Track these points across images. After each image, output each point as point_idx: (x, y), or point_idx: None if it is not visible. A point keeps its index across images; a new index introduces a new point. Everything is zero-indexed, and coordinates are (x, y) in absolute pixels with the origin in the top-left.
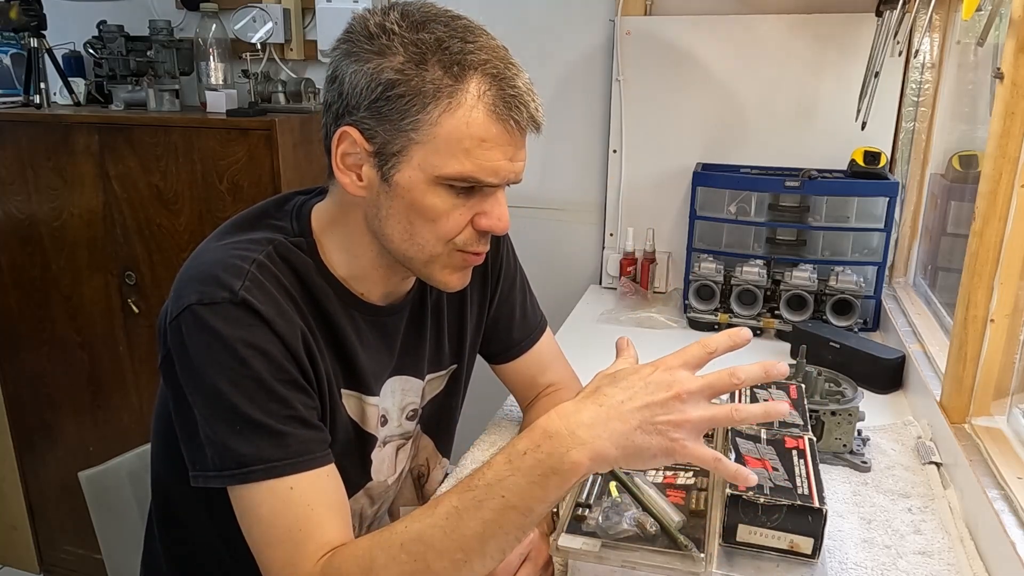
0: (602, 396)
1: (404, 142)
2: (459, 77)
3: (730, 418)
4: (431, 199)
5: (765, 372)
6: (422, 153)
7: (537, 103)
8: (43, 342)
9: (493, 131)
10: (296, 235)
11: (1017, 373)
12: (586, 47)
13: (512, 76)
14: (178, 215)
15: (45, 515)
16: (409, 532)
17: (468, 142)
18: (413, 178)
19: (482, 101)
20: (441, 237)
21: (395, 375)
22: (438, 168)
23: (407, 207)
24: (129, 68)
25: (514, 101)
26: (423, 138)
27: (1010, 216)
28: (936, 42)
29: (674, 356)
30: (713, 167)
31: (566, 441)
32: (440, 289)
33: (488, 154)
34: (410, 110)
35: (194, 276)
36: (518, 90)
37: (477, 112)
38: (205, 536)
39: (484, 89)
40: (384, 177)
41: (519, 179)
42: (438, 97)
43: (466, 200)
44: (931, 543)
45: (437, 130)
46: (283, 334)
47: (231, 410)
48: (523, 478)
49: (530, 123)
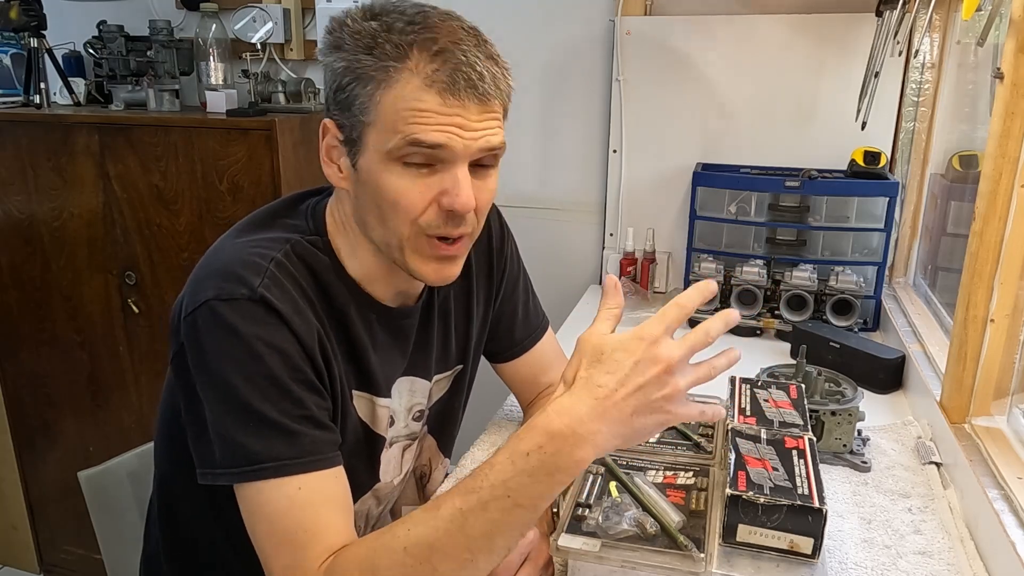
0: (595, 387)
1: (360, 128)
2: (399, 57)
3: (710, 375)
4: (388, 178)
5: (725, 323)
6: (373, 134)
7: (489, 73)
8: (43, 342)
9: (429, 100)
10: (312, 234)
11: (1017, 373)
12: (586, 47)
13: (456, 49)
14: (178, 215)
15: (45, 515)
16: (412, 536)
17: (405, 113)
18: (371, 160)
19: (418, 74)
20: (404, 218)
21: (404, 376)
22: (385, 144)
23: (373, 192)
24: (129, 68)
25: (453, 71)
26: (371, 119)
27: (1010, 216)
28: (936, 42)
29: (656, 322)
30: (713, 167)
31: (570, 440)
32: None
33: (427, 122)
34: (359, 95)
35: (213, 272)
36: (459, 61)
37: (412, 85)
38: (209, 536)
39: (423, 64)
40: (354, 165)
41: (481, 154)
42: (379, 78)
43: (426, 178)
44: (931, 543)
45: (380, 108)
46: (300, 333)
47: (244, 407)
48: (528, 478)
49: (471, 92)
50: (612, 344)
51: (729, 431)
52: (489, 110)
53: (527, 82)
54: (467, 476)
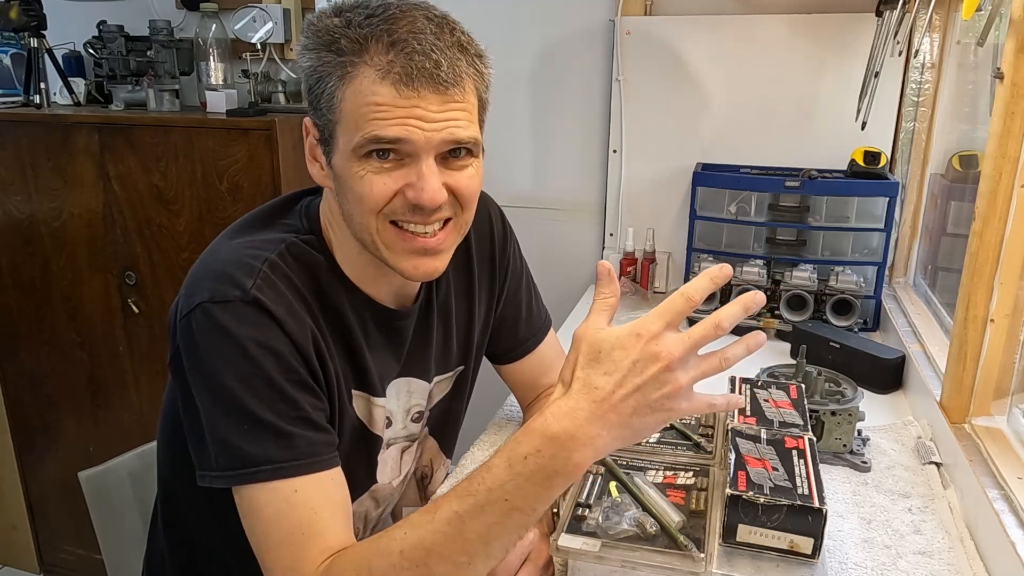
0: (592, 389)
1: (331, 127)
2: (356, 51)
3: (719, 368)
4: (355, 171)
5: (744, 308)
6: (340, 132)
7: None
8: (43, 342)
9: (384, 93)
10: (307, 233)
11: (1017, 373)
12: (586, 47)
13: (412, 39)
14: (178, 215)
15: (45, 515)
16: (409, 539)
17: (365, 108)
18: (341, 158)
19: (373, 68)
20: (370, 209)
21: (400, 377)
22: (350, 141)
23: (344, 188)
24: (129, 68)
25: (407, 62)
26: (337, 117)
27: (1010, 216)
28: (936, 42)
29: (656, 316)
30: (713, 167)
31: (567, 444)
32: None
33: (385, 116)
34: (324, 92)
35: (206, 274)
36: (414, 50)
37: (367, 79)
38: (210, 537)
39: (379, 57)
40: (330, 163)
41: (449, 143)
42: (339, 74)
43: (392, 172)
44: (931, 543)
45: (343, 106)
46: (293, 334)
47: (239, 409)
48: (526, 481)
49: (427, 81)
50: (610, 342)
51: (729, 431)
52: (450, 100)
53: (527, 82)
54: (464, 479)
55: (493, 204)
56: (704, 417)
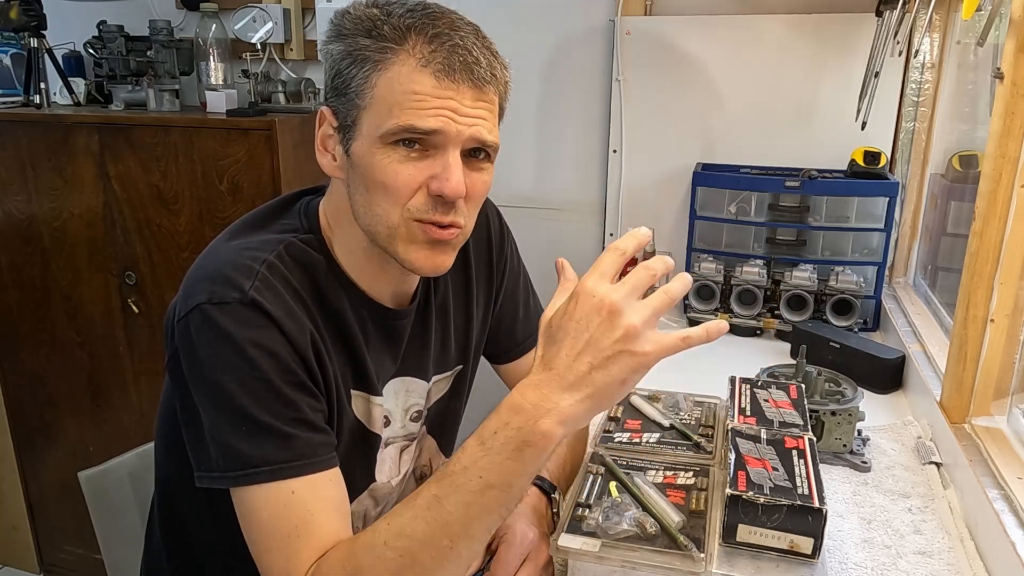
0: (549, 358)
1: (355, 112)
2: (397, 39)
3: (667, 303)
4: (380, 160)
5: (666, 265)
6: (367, 118)
7: (486, 60)
8: (43, 342)
9: (424, 82)
10: (306, 232)
11: (1017, 373)
12: (586, 47)
13: (453, 34)
14: (178, 215)
15: (45, 515)
16: (392, 528)
17: (400, 95)
18: (364, 145)
19: (414, 56)
20: (394, 202)
21: (398, 376)
22: (379, 127)
23: (363, 176)
24: (129, 68)
25: (449, 55)
26: (366, 103)
27: (1010, 216)
28: (936, 42)
29: (590, 277)
30: (713, 167)
31: (532, 413)
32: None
33: (421, 104)
34: (355, 79)
35: (204, 275)
36: (456, 44)
37: (407, 67)
38: (208, 537)
39: (419, 47)
40: (347, 151)
41: (475, 141)
42: (376, 61)
43: (417, 162)
44: (931, 543)
45: (376, 92)
46: (292, 335)
47: (237, 411)
48: (497, 455)
49: (467, 74)
50: (557, 314)
51: (729, 431)
52: (483, 98)
53: (527, 82)
54: (442, 464)
55: (490, 204)
56: (704, 417)
